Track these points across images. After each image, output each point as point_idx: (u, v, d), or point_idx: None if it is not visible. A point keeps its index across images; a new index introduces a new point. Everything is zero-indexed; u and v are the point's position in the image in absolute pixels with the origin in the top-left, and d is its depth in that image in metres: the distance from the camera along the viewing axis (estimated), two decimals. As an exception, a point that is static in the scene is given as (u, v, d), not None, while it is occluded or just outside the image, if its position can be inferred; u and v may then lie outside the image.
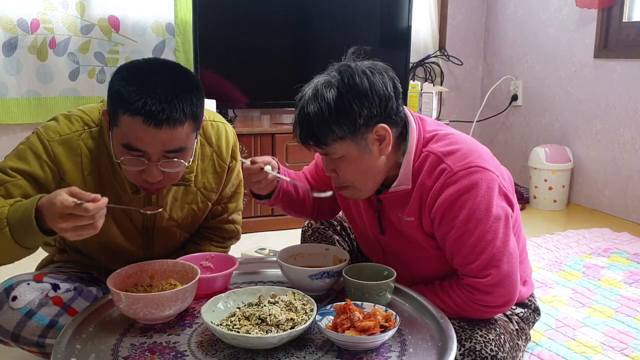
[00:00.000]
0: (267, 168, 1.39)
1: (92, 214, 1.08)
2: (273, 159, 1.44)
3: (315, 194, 1.46)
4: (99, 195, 1.10)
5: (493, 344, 1.27)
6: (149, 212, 1.35)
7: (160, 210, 1.36)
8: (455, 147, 1.30)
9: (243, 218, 1.69)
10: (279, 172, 1.44)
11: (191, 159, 1.31)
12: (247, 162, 1.39)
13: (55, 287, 1.34)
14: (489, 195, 1.26)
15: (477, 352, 1.26)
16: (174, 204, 1.45)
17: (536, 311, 1.56)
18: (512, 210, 1.34)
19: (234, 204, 1.61)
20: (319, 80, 1.28)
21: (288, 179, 1.47)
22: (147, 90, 1.16)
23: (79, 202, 1.07)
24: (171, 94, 1.17)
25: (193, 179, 1.44)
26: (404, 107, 1.36)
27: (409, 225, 1.36)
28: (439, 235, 1.32)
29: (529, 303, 1.52)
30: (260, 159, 1.40)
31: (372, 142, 1.27)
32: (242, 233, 1.70)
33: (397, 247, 1.43)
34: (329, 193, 1.43)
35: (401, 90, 1.31)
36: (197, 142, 1.43)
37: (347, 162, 1.29)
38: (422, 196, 1.31)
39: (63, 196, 1.08)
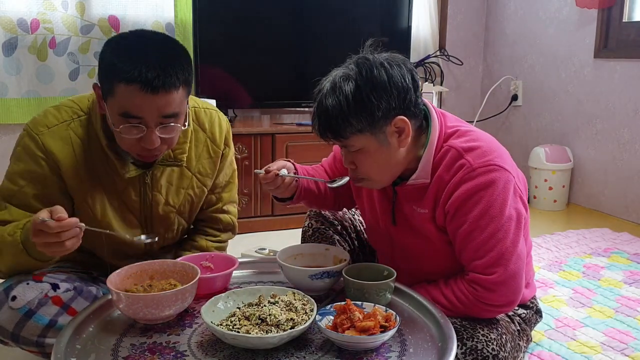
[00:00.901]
0: (283, 172, 1.38)
1: (56, 232, 1.12)
2: (288, 160, 1.45)
3: (332, 185, 1.43)
4: (64, 215, 1.13)
5: (495, 343, 1.27)
6: (144, 240, 1.35)
7: (156, 239, 1.37)
8: (476, 144, 1.31)
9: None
10: (295, 172, 1.44)
11: (187, 124, 1.35)
12: (262, 171, 1.38)
13: (55, 286, 1.34)
14: (504, 195, 1.28)
15: (478, 351, 1.25)
16: (169, 188, 1.46)
17: (538, 313, 1.56)
18: (525, 212, 1.35)
19: (228, 194, 1.63)
20: (337, 73, 1.28)
21: (306, 177, 1.47)
22: (141, 59, 1.20)
23: (42, 219, 1.12)
24: (164, 61, 1.22)
25: (185, 159, 1.46)
26: (426, 100, 1.37)
27: (422, 218, 1.36)
28: (450, 229, 1.33)
29: (531, 305, 1.53)
30: (274, 165, 1.40)
31: (390, 134, 1.28)
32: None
33: (406, 239, 1.44)
34: (345, 179, 1.41)
35: (420, 82, 1.31)
36: (190, 126, 1.45)
37: (366, 154, 1.29)
38: (439, 189, 1.32)
39: (39, 213, 1.14)
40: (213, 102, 2.69)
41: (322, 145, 3.38)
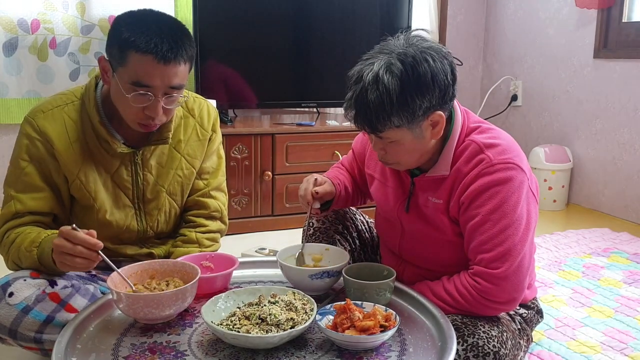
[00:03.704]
0: (316, 205, 1.47)
1: (76, 243, 1.19)
2: (316, 178, 1.50)
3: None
4: (93, 233, 1.21)
5: (496, 340, 1.27)
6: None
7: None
8: (497, 141, 1.33)
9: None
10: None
11: (183, 98, 1.44)
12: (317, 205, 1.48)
13: (53, 283, 1.35)
14: (519, 193, 1.29)
15: (479, 348, 1.25)
16: (159, 169, 1.53)
17: (539, 313, 1.56)
18: (535, 216, 1.36)
19: (215, 180, 1.66)
20: (379, 63, 1.24)
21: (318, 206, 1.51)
22: (155, 32, 1.31)
23: (73, 226, 1.19)
24: (175, 36, 1.33)
25: (171, 137, 1.51)
26: None
27: (435, 208, 1.38)
28: (462, 221, 1.34)
29: (532, 305, 1.53)
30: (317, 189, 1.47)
31: (425, 127, 1.29)
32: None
33: (417, 228, 1.45)
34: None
35: (457, 73, 1.31)
36: (180, 112, 1.55)
37: (399, 145, 1.31)
38: (455, 181, 1.34)
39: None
40: (213, 102, 2.69)
41: (321, 145, 3.38)
